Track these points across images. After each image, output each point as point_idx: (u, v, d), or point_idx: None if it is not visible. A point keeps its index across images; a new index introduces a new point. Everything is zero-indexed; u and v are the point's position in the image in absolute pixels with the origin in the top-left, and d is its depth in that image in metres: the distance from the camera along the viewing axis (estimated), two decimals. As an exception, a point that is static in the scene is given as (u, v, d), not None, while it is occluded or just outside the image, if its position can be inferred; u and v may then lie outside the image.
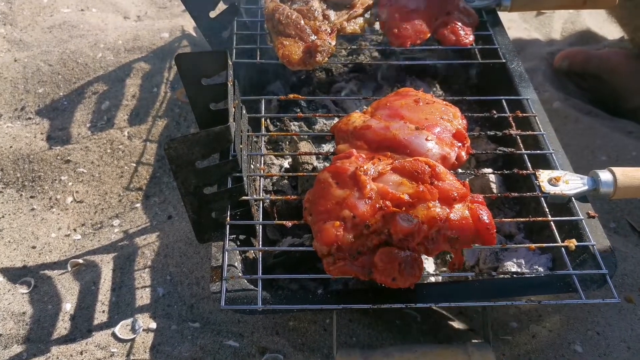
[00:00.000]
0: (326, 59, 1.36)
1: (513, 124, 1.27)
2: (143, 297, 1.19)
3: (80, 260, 1.28)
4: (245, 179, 1.06)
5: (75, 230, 1.37)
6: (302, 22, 1.38)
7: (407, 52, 1.58)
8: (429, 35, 1.42)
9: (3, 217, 1.37)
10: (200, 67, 1.12)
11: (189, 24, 1.89)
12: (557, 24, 2.21)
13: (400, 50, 1.56)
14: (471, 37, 1.43)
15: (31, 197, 1.42)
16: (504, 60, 1.43)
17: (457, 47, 1.42)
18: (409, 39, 1.40)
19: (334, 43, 1.37)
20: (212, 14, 1.51)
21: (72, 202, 1.42)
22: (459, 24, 1.43)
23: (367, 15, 1.45)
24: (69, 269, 1.27)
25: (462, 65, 1.51)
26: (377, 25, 1.51)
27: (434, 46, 1.46)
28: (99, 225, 1.39)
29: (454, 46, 1.42)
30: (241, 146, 1.08)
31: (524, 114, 1.29)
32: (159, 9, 2.09)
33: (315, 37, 1.36)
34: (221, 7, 1.52)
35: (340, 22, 1.41)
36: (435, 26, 1.43)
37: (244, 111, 1.20)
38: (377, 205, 0.97)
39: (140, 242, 1.32)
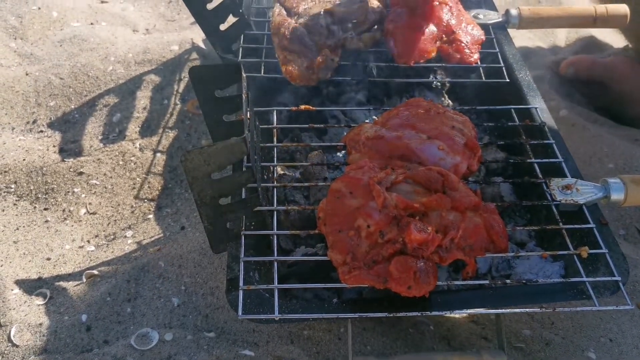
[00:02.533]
0: (329, 75, 1.37)
1: (522, 132, 1.28)
2: (158, 307, 1.20)
3: (95, 272, 1.29)
4: (259, 189, 1.07)
5: (89, 241, 1.39)
6: (307, 37, 1.39)
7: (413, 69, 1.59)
8: (433, 54, 1.43)
9: (18, 229, 1.38)
10: (214, 80, 1.14)
11: (198, 37, 1.91)
12: (562, 33, 2.23)
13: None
14: (476, 55, 1.43)
15: (45, 209, 1.43)
16: (507, 80, 1.42)
17: (461, 65, 1.43)
18: (413, 57, 1.41)
19: (337, 59, 1.39)
20: (222, 27, 1.53)
21: (85, 213, 1.43)
22: (464, 42, 1.43)
23: (372, 31, 1.46)
24: (84, 280, 1.28)
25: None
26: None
27: (439, 64, 1.46)
28: (112, 237, 1.40)
29: (458, 64, 1.43)
30: (255, 157, 1.09)
31: (533, 123, 1.31)
32: (168, 22, 2.11)
33: (319, 53, 1.38)
34: (231, 19, 1.53)
35: (345, 38, 1.42)
36: (440, 44, 1.44)
37: (256, 122, 1.21)
38: (391, 215, 0.99)
39: (154, 252, 1.33)
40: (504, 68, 1.44)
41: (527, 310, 1.02)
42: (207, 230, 1.04)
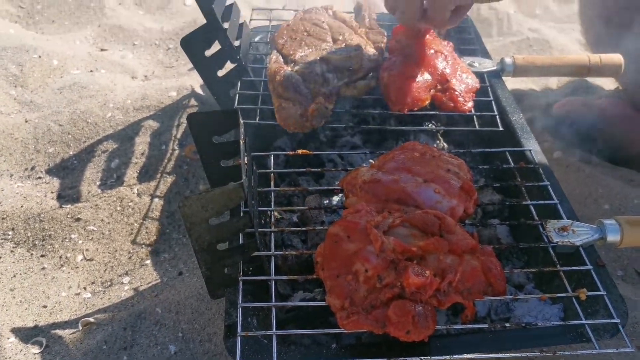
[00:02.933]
0: (322, 122, 1.39)
1: (517, 175, 1.29)
2: (155, 355, 1.19)
3: (91, 319, 1.28)
4: (257, 234, 1.07)
5: (85, 288, 1.38)
6: (302, 85, 1.41)
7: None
8: (427, 102, 1.44)
9: (14, 276, 1.37)
10: (212, 126, 1.15)
11: (195, 82, 1.94)
12: (553, 76, 2.27)
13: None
14: (470, 104, 1.45)
15: (42, 255, 1.43)
16: (501, 129, 1.44)
17: (455, 113, 1.45)
18: (407, 105, 1.42)
19: (331, 107, 1.40)
20: (220, 73, 1.56)
21: (82, 260, 1.43)
22: (458, 90, 1.45)
23: (367, 79, 1.48)
24: (80, 328, 1.26)
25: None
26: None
27: (433, 112, 1.47)
28: (109, 283, 1.39)
29: (452, 112, 1.45)
30: (253, 202, 1.10)
31: (528, 165, 1.32)
32: (166, 68, 2.15)
33: (314, 100, 1.39)
34: (229, 65, 1.56)
35: (340, 86, 1.44)
36: (435, 92, 1.46)
37: (254, 167, 1.22)
38: (389, 259, 0.99)
39: (151, 299, 1.32)
40: (497, 117, 1.45)
41: (527, 354, 1.01)
42: (204, 276, 1.04)
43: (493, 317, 1.17)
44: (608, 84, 2.13)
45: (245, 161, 1.09)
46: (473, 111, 1.46)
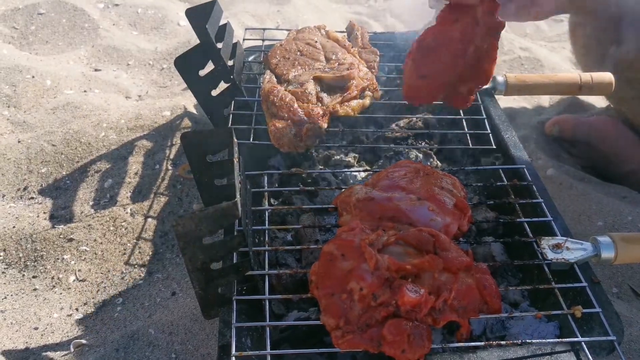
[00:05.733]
0: (316, 142, 1.38)
1: (511, 192, 1.30)
2: (148, 377, 1.18)
3: (83, 341, 1.26)
4: (251, 253, 1.07)
5: (77, 309, 1.36)
6: (295, 104, 1.40)
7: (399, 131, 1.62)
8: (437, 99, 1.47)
9: (5, 298, 1.36)
10: (206, 145, 1.15)
11: (189, 102, 1.94)
12: (545, 94, 2.29)
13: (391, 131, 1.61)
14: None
15: (33, 277, 1.41)
16: (494, 147, 1.45)
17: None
18: (420, 100, 1.46)
19: (325, 126, 1.40)
20: (214, 92, 1.56)
21: (74, 281, 1.42)
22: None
23: (361, 98, 1.49)
24: (72, 350, 1.25)
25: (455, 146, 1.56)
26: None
27: (427, 130, 1.48)
28: (101, 304, 1.38)
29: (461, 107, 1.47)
30: (247, 221, 1.09)
31: (521, 182, 1.33)
32: (160, 88, 2.15)
33: (307, 120, 1.39)
34: (223, 85, 1.57)
35: (334, 105, 1.44)
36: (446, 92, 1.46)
37: (248, 186, 1.22)
38: (384, 277, 0.98)
39: (144, 319, 1.31)
40: (490, 134, 1.46)
41: (523, 372, 1.00)
42: (198, 296, 1.03)
43: (489, 335, 1.16)
44: (599, 102, 2.15)
45: (239, 180, 1.09)
46: (466, 130, 1.47)
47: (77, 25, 2.42)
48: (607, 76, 1.60)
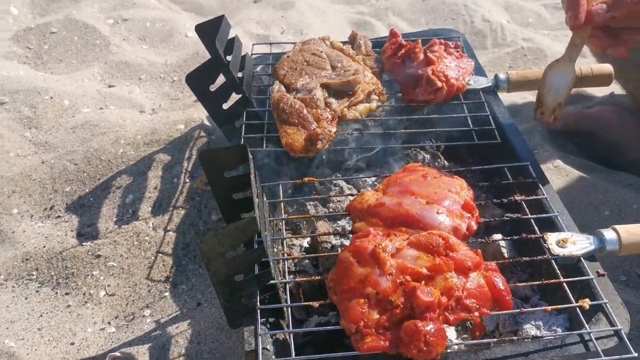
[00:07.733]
0: (327, 146, 1.44)
1: (517, 189, 1.34)
2: (180, 384, 1.24)
3: (118, 353, 1.33)
4: (271, 263, 1.13)
5: (109, 323, 1.43)
6: (305, 110, 1.47)
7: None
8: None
9: (41, 316, 1.43)
10: (223, 161, 1.22)
11: (202, 114, 2.00)
12: (549, 84, 2.32)
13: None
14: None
15: (66, 293, 1.49)
16: (499, 141, 1.48)
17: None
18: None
19: (334, 130, 1.45)
20: (225, 105, 1.62)
21: (104, 295, 1.49)
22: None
23: (368, 102, 1.54)
24: (108, 362, 1.32)
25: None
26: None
27: (433, 129, 1.53)
28: (131, 317, 1.45)
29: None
30: (265, 233, 1.15)
31: (526, 179, 1.37)
32: (172, 101, 2.22)
33: (317, 125, 1.45)
34: (233, 96, 1.62)
35: (342, 109, 1.49)
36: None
37: (264, 198, 1.28)
38: (398, 281, 1.04)
39: (172, 330, 1.37)
40: (495, 130, 1.51)
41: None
42: (223, 307, 1.09)
43: (501, 330, 1.21)
44: (602, 90, 2.17)
45: (256, 194, 1.15)
46: (471, 126, 1.52)
47: (89, 42, 2.49)
48: (607, 67, 1.63)
